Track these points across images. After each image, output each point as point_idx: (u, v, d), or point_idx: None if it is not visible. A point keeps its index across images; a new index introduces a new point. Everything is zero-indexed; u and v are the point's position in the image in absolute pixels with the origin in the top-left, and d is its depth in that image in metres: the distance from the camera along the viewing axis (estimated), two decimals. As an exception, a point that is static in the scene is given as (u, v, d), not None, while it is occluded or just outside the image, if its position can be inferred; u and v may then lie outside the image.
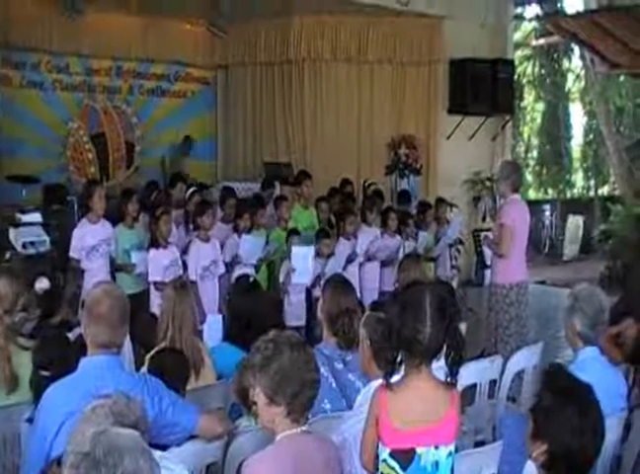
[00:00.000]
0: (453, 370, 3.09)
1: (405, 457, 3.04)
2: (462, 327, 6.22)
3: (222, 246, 8.09)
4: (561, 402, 2.66)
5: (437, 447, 3.08)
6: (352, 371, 4.17)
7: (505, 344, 7.21)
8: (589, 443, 2.64)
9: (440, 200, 10.49)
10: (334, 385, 4.10)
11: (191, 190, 9.52)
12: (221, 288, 7.83)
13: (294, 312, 8.07)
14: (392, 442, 3.05)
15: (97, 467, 1.93)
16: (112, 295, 3.53)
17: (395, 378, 3.14)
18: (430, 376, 3.10)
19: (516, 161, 13.20)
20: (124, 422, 2.47)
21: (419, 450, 3.05)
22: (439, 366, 3.14)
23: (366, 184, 11.81)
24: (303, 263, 7.96)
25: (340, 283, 4.64)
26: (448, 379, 3.10)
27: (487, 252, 8.46)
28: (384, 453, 3.07)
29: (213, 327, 6.01)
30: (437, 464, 3.09)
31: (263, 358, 3.00)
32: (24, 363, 4.11)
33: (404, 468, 3.04)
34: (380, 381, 3.21)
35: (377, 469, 3.13)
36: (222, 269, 7.88)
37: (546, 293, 12.44)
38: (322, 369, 4.00)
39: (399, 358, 3.09)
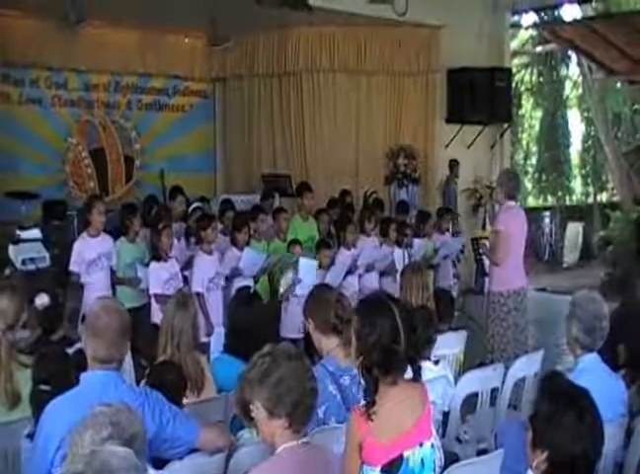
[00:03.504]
0: (415, 369, 3.16)
1: (395, 466, 3.06)
2: (463, 335, 6.26)
3: (222, 258, 8.11)
4: (558, 409, 2.66)
5: (421, 445, 3.12)
6: (355, 384, 4.15)
7: (501, 352, 7.20)
8: (588, 449, 2.64)
9: (445, 210, 10.52)
10: (341, 403, 4.08)
11: (193, 206, 9.53)
12: (224, 300, 7.83)
13: (293, 324, 8.07)
14: (382, 458, 3.07)
15: None
16: (111, 311, 3.54)
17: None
18: (403, 385, 3.14)
19: (514, 169, 13.18)
20: (122, 434, 2.47)
21: (406, 454, 3.08)
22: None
23: (368, 193, 11.83)
24: (310, 274, 7.97)
25: (317, 293, 4.56)
26: (415, 377, 3.18)
27: (487, 260, 8.47)
28: (374, 473, 3.07)
29: (219, 339, 6.02)
30: (422, 462, 3.11)
31: (260, 372, 3.00)
32: (24, 380, 4.12)
33: None
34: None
35: None
36: (222, 281, 7.90)
37: (547, 301, 12.44)
38: (330, 387, 4.01)
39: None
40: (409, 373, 3.18)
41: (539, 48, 21.17)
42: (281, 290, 8.14)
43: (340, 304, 4.30)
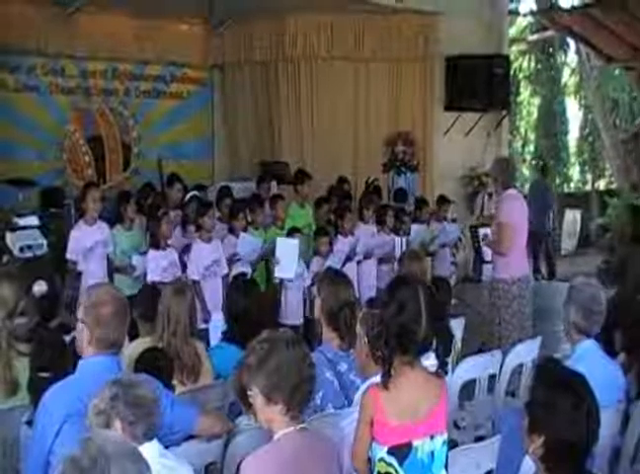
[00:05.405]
0: (442, 361, 3.16)
1: (402, 452, 3.08)
2: (461, 323, 6.27)
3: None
4: (554, 394, 2.66)
5: (432, 437, 3.13)
6: (352, 370, 4.16)
7: (507, 339, 7.18)
8: (584, 433, 2.64)
9: (443, 199, 10.50)
10: (338, 389, 4.09)
11: (190, 194, 9.52)
12: (224, 288, 7.82)
13: (292, 311, 8.07)
14: (390, 440, 3.08)
15: None
16: (116, 298, 3.54)
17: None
18: (421, 370, 3.16)
19: (507, 157, 13.09)
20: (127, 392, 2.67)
21: (415, 443, 3.09)
22: (430, 365, 3.21)
23: (369, 180, 11.79)
24: (288, 256, 7.93)
25: (336, 277, 4.55)
26: (438, 370, 3.18)
27: (486, 249, 8.43)
28: (381, 452, 3.09)
29: (217, 326, 6.03)
30: (432, 454, 3.13)
31: (258, 358, 3.00)
32: (22, 368, 4.12)
33: (401, 463, 3.07)
34: (373, 380, 3.24)
35: (371, 472, 3.15)
36: (226, 269, 7.87)
37: (545, 288, 12.45)
38: (327, 373, 4.01)
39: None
40: (432, 360, 3.20)
41: (537, 36, 21.11)
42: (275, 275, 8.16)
43: (350, 311, 4.22)
